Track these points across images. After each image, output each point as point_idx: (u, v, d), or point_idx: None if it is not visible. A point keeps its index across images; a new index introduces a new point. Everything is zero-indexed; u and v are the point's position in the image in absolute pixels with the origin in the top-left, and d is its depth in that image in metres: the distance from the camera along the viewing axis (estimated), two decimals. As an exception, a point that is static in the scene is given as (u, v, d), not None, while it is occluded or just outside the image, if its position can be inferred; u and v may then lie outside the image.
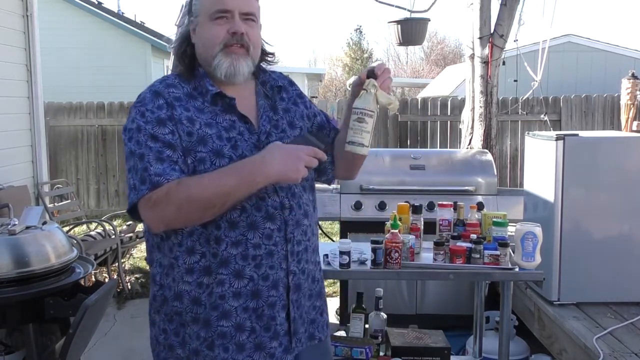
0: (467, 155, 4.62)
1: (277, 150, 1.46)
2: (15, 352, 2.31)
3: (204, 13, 1.57)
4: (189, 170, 1.49)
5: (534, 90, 5.64)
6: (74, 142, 8.55)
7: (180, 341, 1.56)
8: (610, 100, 8.38)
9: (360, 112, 1.55)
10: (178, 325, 1.56)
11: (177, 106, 1.52)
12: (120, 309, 4.75)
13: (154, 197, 1.44)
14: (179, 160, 1.48)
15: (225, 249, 1.51)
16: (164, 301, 1.58)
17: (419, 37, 5.27)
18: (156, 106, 1.51)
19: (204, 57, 1.59)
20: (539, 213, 3.38)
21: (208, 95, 1.56)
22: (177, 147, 1.48)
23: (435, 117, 8.47)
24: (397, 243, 2.46)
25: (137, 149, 1.49)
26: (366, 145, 1.56)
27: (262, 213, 1.54)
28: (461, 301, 4.10)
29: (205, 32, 1.57)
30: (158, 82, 1.59)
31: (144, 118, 1.50)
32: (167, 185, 1.44)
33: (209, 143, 1.50)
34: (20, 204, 4.15)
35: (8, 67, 5.21)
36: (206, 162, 1.49)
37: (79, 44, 13.04)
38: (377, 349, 3.01)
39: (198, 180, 1.45)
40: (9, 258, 2.25)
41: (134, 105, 1.55)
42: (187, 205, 1.44)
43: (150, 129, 1.49)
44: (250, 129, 1.58)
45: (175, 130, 1.49)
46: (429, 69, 29.03)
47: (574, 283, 3.18)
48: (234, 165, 1.48)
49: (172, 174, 1.45)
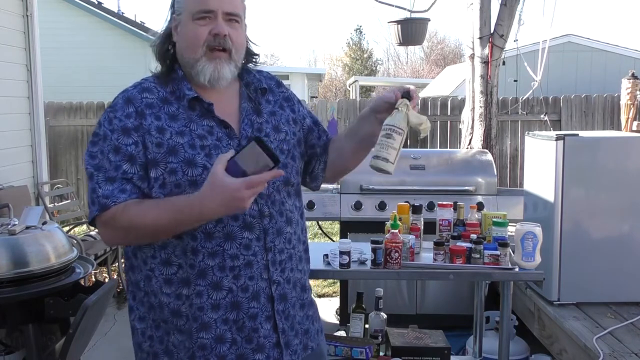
0: (467, 155, 4.62)
1: (216, 193, 1.34)
2: (15, 352, 2.31)
3: (187, 11, 1.52)
4: (150, 184, 1.46)
5: (534, 90, 5.65)
6: (74, 142, 8.54)
7: (164, 349, 1.54)
8: (610, 100, 8.37)
9: (390, 129, 1.53)
10: (164, 333, 1.53)
11: (148, 115, 1.48)
12: (120, 309, 4.75)
13: (103, 219, 1.45)
14: (134, 176, 1.45)
15: (202, 260, 1.47)
16: (151, 308, 1.54)
17: (419, 37, 5.27)
18: (125, 114, 1.48)
19: (185, 59, 1.54)
20: (539, 213, 3.38)
21: (185, 99, 1.51)
22: (137, 160, 1.45)
23: (435, 117, 8.46)
24: (397, 243, 2.46)
25: (97, 159, 1.47)
26: (391, 161, 1.52)
27: (239, 222, 1.48)
28: (461, 301, 4.10)
29: (187, 32, 1.52)
30: (132, 87, 1.55)
31: (111, 125, 1.48)
32: (114, 208, 1.43)
33: (180, 153, 1.45)
34: (20, 204, 4.15)
35: (8, 67, 5.21)
36: (178, 172, 1.44)
37: (79, 44, 13.04)
38: (377, 349, 3.00)
39: (142, 208, 1.43)
40: (9, 258, 2.25)
41: (106, 110, 1.53)
42: (133, 230, 1.45)
43: (115, 138, 1.46)
44: (230, 134, 1.52)
45: (139, 141, 1.46)
46: (429, 69, 29.02)
47: (574, 283, 3.18)
48: (176, 202, 1.42)
49: (119, 197, 1.43)
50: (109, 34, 13.41)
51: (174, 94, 1.53)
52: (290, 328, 1.58)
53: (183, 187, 1.45)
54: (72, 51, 12.83)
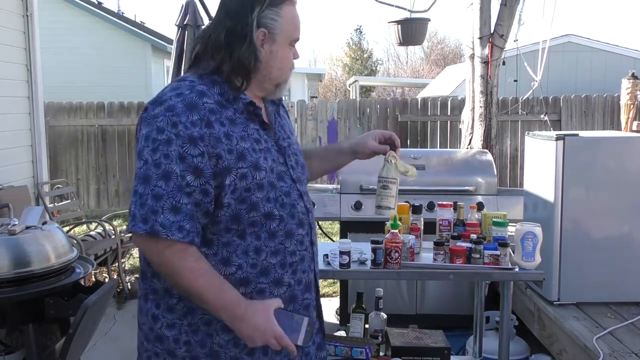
0: (467, 155, 4.62)
1: (260, 319, 1.45)
2: (15, 352, 2.31)
3: (285, 35, 1.55)
4: (224, 191, 1.45)
5: (534, 90, 5.65)
6: (74, 142, 8.55)
7: (208, 352, 1.52)
8: (610, 100, 8.38)
9: (385, 181, 1.85)
10: (205, 336, 1.51)
11: (214, 122, 1.45)
12: (120, 309, 4.75)
13: (147, 239, 1.42)
14: (196, 190, 1.42)
15: (265, 259, 1.52)
16: (189, 312, 1.51)
17: (419, 37, 5.27)
18: (190, 121, 1.42)
19: (272, 77, 1.57)
20: (539, 213, 3.38)
21: (239, 103, 1.53)
22: (203, 172, 1.42)
23: (435, 117, 8.47)
24: (397, 243, 2.46)
25: (160, 167, 1.41)
26: (392, 207, 1.86)
27: (296, 220, 1.57)
28: (461, 301, 4.10)
29: (283, 55, 1.57)
30: (187, 90, 1.48)
31: (175, 129, 1.42)
32: (165, 242, 1.40)
33: (247, 157, 1.48)
34: (20, 204, 4.15)
35: (8, 67, 5.21)
36: (248, 177, 1.47)
37: (78, 44, 13.04)
38: (377, 349, 3.00)
39: (197, 268, 1.43)
40: (9, 258, 2.25)
41: (158, 113, 1.44)
42: (175, 276, 1.44)
43: (180, 144, 1.41)
44: (269, 135, 1.58)
45: (205, 152, 1.42)
46: (429, 69, 29.01)
47: (574, 283, 3.18)
48: (228, 292, 1.46)
49: (175, 234, 1.40)
50: (109, 34, 13.41)
51: (224, 96, 1.52)
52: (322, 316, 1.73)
53: (252, 191, 1.48)
54: (72, 51, 12.84)
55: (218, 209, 1.46)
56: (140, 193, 1.41)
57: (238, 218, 1.48)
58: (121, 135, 8.55)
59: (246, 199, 1.47)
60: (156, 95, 1.52)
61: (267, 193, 1.50)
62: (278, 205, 1.53)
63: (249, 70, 1.52)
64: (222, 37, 1.52)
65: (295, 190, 1.59)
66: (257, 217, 1.50)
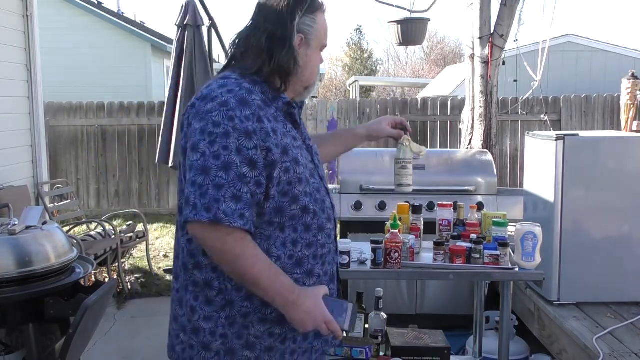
0: (467, 155, 4.62)
1: (311, 304, 1.55)
2: (15, 352, 2.31)
3: (318, 41, 1.67)
4: (272, 184, 1.52)
5: (534, 90, 5.64)
6: (74, 142, 8.55)
7: (244, 344, 1.58)
8: (610, 100, 8.38)
9: (403, 162, 2.12)
10: (241, 328, 1.58)
11: (263, 117, 1.53)
12: (120, 309, 4.75)
13: (206, 227, 1.46)
14: (251, 181, 1.48)
15: (301, 251, 1.61)
16: (227, 305, 1.57)
17: (419, 37, 5.26)
18: (244, 116, 1.49)
19: (305, 79, 1.68)
20: (539, 213, 3.38)
21: (279, 102, 1.63)
22: (257, 164, 1.49)
23: (435, 117, 8.46)
24: (397, 243, 2.46)
25: (220, 159, 1.46)
26: (410, 184, 2.11)
27: (325, 215, 1.67)
28: (461, 301, 4.10)
29: (315, 60, 1.69)
30: (237, 87, 1.54)
31: (232, 123, 1.48)
32: (230, 228, 1.45)
33: (289, 152, 1.56)
34: (20, 204, 4.16)
35: (8, 67, 5.21)
36: (290, 171, 1.55)
37: (78, 44, 13.05)
38: (377, 349, 3.00)
39: (256, 254, 1.50)
40: (9, 258, 2.25)
41: (212, 108, 1.50)
42: (230, 259, 1.49)
43: (236, 137, 1.47)
44: (298, 134, 1.68)
45: (258, 145, 1.49)
46: (429, 69, 28.99)
47: (574, 283, 3.18)
48: (282, 278, 1.53)
49: (237, 222, 1.45)
50: (109, 34, 13.42)
51: (265, 95, 1.60)
52: None
53: (293, 184, 1.57)
54: (72, 51, 12.84)
55: (264, 201, 1.54)
56: (199, 184, 1.46)
57: (281, 211, 1.56)
58: (121, 135, 8.55)
59: (288, 192, 1.56)
60: (202, 92, 1.57)
61: (304, 187, 1.60)
62: (312, 200, 1.62)
63: (288, 72, 1.61)
64: (263, 41, 1.60)
65: (323, 187, 1.70)
66: (296, 210, 1.58)
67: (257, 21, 1.64)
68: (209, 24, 5.10)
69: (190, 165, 1.49)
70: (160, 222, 7.98)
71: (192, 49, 4.88)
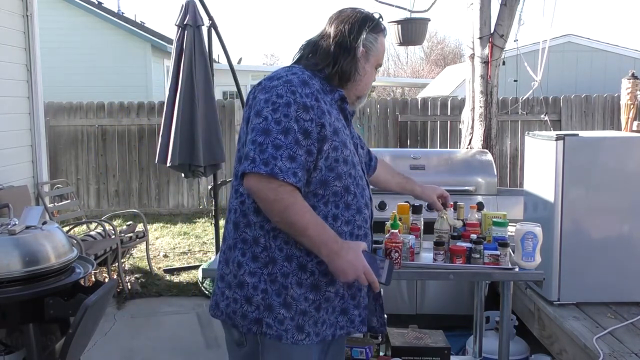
0: (467, 155, 4.62)
1: (353, 255, 1.69)
2: (15, 352, 2.31)
3: (375, 58, 1.89)
4: (321, 156, 1.70)
5: (534, 90, 5.64)
6: (74, 142, 8.55)
7: (282, 302, 1.73)
8: (610, 100, 8.38)
9: (440, 232, 2.47)
10: (281, 287, 1.73)
11: (320, 99, 1.74)
12: (120, 309, 4.75)
13: (261, 179, 1.63)
14: (303, 149, 1.66)
15: (340, 226, 1.77)
16: (270, 262, 1.73)
17: (419, 37, 5.26)
18: (304, 93, 1.70)
19: (357, 89, 1.89)
20: (539, 213, 3.38)
21: (336, 94, 1.83)
22: (311, 135, 1.68)
23: (435, 117, 8.47)
24: (397, 243, 2.45)
25: (281, 124, 1.65)
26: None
27: (363, 200, 1.84)
28: (461, 301, 4.10)
29: (369, 75, 1.90)
30: (300, 72, 1.77)
31: (294, 96, 1.68)
32: (281, 182, 1.62)
33: (340, 134, 1.76)
34: (20, 204, 4.15)
35: (8, 67, 5.21)
36: (338, 149, 1.74)
37: (78, 44, 13.05)
38: (377, 349, 3.00)
39: (305, 206, 1.67)
40: (9, 258, 2.25)
41: (277, 84, 1.71)
42: (284, 212, 1.65)
43: (295, 109, 1.67)
44: (347, 128, 1.86)
45: (314, 119, 1.69)
46: (429, 69, 28.99)
47: (574, 283, 3.18)
48: (328, 230, 1.69)
49: (291, 178, 1.63)
50: (109, 34, 13.41)
51: (323, 87, 1.81)
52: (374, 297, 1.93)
53: (339, 162, 1.75)
54: (73, 51, 12.84)
55: (312, 171, 1.71)
56: (260, 142, 1.65)
57: (325, 184, 1.74)
58: (121, 135, 8.56)
59: (334, 169, 1.74)
60: (270, 74, 1.80)
61: (349, 169, 1.78)
62: (355, 183, 1.80)
63: (348, 78, 1.84)
64: (331, 47, 1.83)
65: (364, 179, 1.88)
66: (339, 188, 1.76)
67: (326, 31, 1.86)
68: (209, 24, 5.10)
69: (253, 128, 1.68)
70: (160, 222, 7.98)
71: (192, 49, 4.88)
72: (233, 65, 5.37)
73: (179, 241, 7.01)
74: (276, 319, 1.73)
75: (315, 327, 1.76)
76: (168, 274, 5.65)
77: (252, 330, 1.75)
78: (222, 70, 8.81)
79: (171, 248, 6.69)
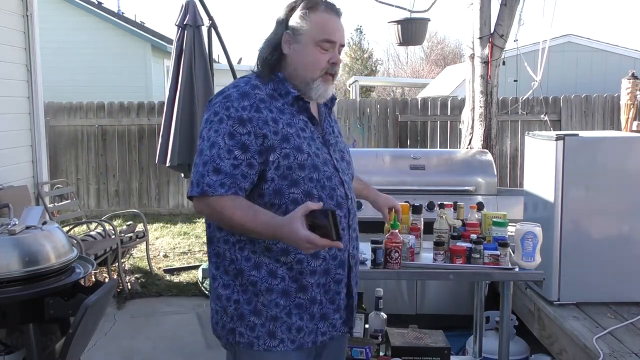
0: (467, 155, 4.62)
1: (288, 231, 1.59)
2: (15, 352, 2.31)
3: (309, 36, 1.76)
4: (268, 167, 1.68)
5: (534, 90, 5.64)
6: (74, 142, 8.55)
7: (252, 310, 1.74)
8: (610, 100, 8.38)
9: (439, 231, 2.57)
10: (251, 295, 1.74)
11: (262, 108, 1.72)
12: (120, 309, 4.74)
13: (200, 200, 1.68)
14: (242, 163, 1.67)
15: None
16: (239, 273, 1.75)
17: (419, 37, 5.27)
18: (241, 106, 1.70)
19: (300, 75, 1.78)
20: (539, 213, 3.38)
21: (289, 97, 1.78)
22: (250, 148, 1.67)
23: (435, 117, 8.46)
24: (397, 243, 2.46)
25: (209, 140, 1.68)
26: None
27: (334, 202, 1.78)
28: (461, 301, 4.10)
29: (308, 55, 1.77)
30: (243, 83, 1.76)
31: (228, 112, 1.69)
32: (212, 198, 1.65)
33: (291, 140, 1.72)
34: (20, 204, 4.15)
35: (8, 67, 5.21)
36: (290, 156, 1.70)
37: (79, 44, 13.04)
38: (377, 349, 3.00)
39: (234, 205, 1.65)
40: (9, 258, 2.25)
41: (217, 101, 1.73)
42: (223, 218, 1.67)
43: (230, 124, 1.68)
44: (317, 129, 1.82)
45: (252, 131, 1.68)
46: (429, 69, 28.97)
47: (574, 283, 3.18)
48: (261, 216, 1.64)
49: (219, 190, 1.65)
50: (109, 34, 13.40)
51: (276, 91, 1.78)
52: (352, 296, 1.88)
53: (294, 170, 1.71)
54: (72, 51, 12.83)
55: (263, 183, 1.70)
56: (196, 163, 1.71)
57: (280, 193, 1.71)
58: (121, 135, 8.56)
59: (288, 176, 1.71)
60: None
61: (309, 173, 1.73)
62: (319, 187, 1.74)
63: (269, 63, 1.78)
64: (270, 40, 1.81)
65: (337, 177, 1.80)
66: (298, 194, 1.71)
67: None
68: (209, 24, 5.10)
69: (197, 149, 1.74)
70: (160, 222, 7.98)
71: (192, 49, 4.88)
72: (233, 65, 5.37)
73: (179, 241, 7.01)
74: (247, 327, 1.75)
75: (289, 333, 1.75)
76: (168, 274, 5.65)
77: (230, 340, 1.78)
78: (222, 70, 8.78)
79: (171, 248, 6.69)
